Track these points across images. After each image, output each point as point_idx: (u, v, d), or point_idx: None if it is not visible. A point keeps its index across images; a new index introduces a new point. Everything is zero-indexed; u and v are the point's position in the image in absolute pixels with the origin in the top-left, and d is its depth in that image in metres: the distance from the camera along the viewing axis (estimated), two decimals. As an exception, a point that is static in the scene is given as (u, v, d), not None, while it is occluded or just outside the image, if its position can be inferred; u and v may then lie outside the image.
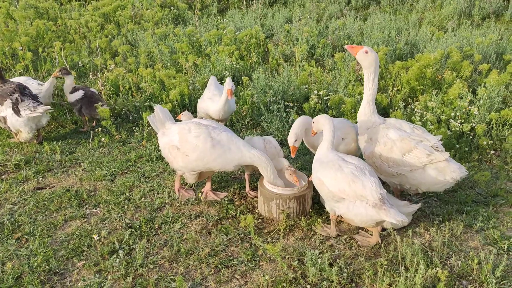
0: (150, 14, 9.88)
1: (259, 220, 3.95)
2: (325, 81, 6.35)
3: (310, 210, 4.01)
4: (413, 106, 5.57)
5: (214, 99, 5.14)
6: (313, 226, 3.80)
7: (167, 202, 4.19)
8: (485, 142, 4.87)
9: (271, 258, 3.46)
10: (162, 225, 3.86)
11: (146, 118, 5.32)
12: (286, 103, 5.84)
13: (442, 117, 5.09)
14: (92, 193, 4.36)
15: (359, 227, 3.78)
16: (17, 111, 5.01)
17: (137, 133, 5.50)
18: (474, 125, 5.01)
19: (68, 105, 6.11)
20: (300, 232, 3.78)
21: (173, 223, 3.88)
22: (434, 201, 4.21)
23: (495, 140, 5.09)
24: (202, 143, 3.86)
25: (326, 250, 3.53)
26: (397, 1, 11.07)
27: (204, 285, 3.24)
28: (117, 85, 6.47)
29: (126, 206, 4.11)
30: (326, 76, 6.68)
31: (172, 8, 10.57)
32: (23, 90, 5.20)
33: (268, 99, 5.85)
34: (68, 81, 5.71)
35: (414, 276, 3.08)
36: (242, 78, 6.44)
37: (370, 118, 3.90)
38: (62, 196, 4.24)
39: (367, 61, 3.79)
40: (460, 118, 5.15)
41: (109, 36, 8.84)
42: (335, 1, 11.17)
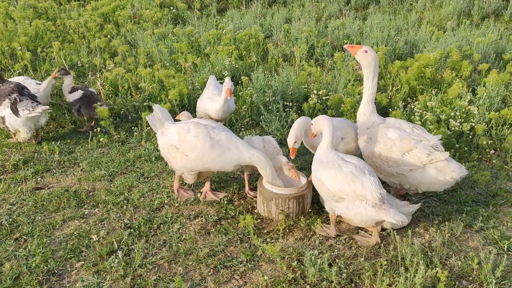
0: (149, 14, 9.87)
1: (258, 220, 3.94)
2: (324, 80, 6.34)
3: (310, 210, 4.01)
4: (412, 106, 5.56)
5: (213, 99, 5.13)
6: (312, 226, 3.79)
7: (166, 202, 4.18)
8: (484, 142, 4.86)
9: (271, 259, 3.45)
10: (161, 225, 3.85)
11: (145, 118, 5.31)
12: (285, 103, 5.84)
13: (441, 116, 5.08)
14: (90, 193, 4.35)
15: (359, 227, 3.77)
16: (15, 111, 5.00)
17: (136, 133, 5.49)
18: (473, 124, 5.00)
19: (67, 105, 6.10)
20: (299, 232, 3.77)
21: (172, 223, 3.87)
22: (434, 201, 4.20)
23: (495, 139, 5.08)
24: (201, 143, 3.85)
25: (325, 250, 3.52)
26: (396, 1, 11.07)
27: (203, 285, 3.23)
28: (116, 85, 6.46)
29: (125, 206, 4.10)
30: (326, 75, 6.68)
31: (171, 8, 10.56)
32: (22, 90, 5.19)
33: (267, 99, 5.84)
34: (67, 81, 5.70)
35: (414, 276, 3.07)
36: (242, 78, 6.44)
37: (369, 117, 3.90)
38: (61, 196, 4.23)
39: (367, 60, 3.78)
40: (459, 117, 5.14)
41: (108, 36, 8.83)
42: (335, 1, 11.16)
